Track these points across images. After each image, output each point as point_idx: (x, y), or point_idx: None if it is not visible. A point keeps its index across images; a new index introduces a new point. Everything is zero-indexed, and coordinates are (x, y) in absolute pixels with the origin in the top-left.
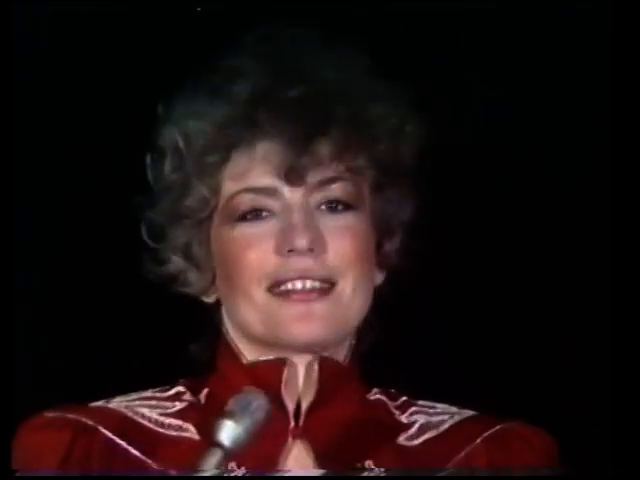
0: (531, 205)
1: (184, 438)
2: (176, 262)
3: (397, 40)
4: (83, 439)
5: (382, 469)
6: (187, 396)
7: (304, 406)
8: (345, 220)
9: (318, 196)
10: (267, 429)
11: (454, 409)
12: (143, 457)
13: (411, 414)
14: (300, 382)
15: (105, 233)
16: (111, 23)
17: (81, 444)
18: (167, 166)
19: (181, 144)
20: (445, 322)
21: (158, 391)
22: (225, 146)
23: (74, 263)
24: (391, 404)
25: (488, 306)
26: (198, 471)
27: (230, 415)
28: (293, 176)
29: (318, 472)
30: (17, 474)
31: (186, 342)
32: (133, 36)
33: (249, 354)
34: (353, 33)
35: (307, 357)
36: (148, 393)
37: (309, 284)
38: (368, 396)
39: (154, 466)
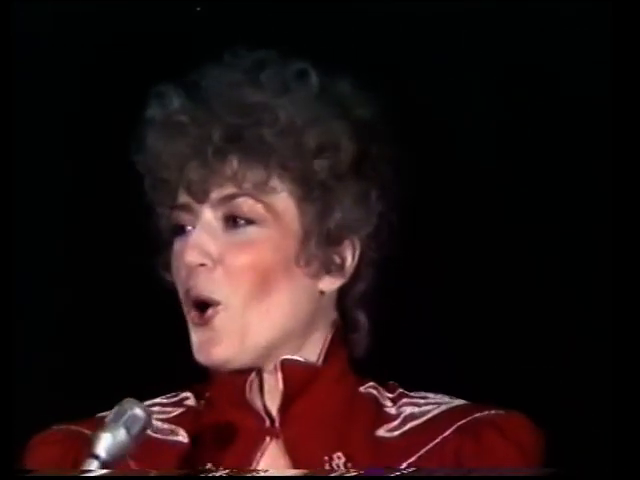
0: (530, 203)
1: (174, 442)
2: (165, 276)
3: (398, 40)
4: (75, 448)
5: (352, 469)
6: (190, 401)
7: (274, 406)
8: (245, 235)
9: (221, 211)
10: (243, 430)
11: (446, 399)
12: (128, 459)
13: (401, 406)
14: (269, 384)
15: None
16: (111, 23)
17: (73, 453)
18: (145, 185)
19: (141, 166)
20: (444, 319)
21: (167, 397)
22: (162, 167)
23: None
24: (384, 396)
25: (487, 303)
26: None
27: (105, 427)
28: (196, 193)
29: (294, 471)
30: None
31: None
32: (133, 36)
33: None
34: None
35: (274, 359)
36: (158, 399)
37: (201, 299)
38: (360, 389)
39: (138, 468)
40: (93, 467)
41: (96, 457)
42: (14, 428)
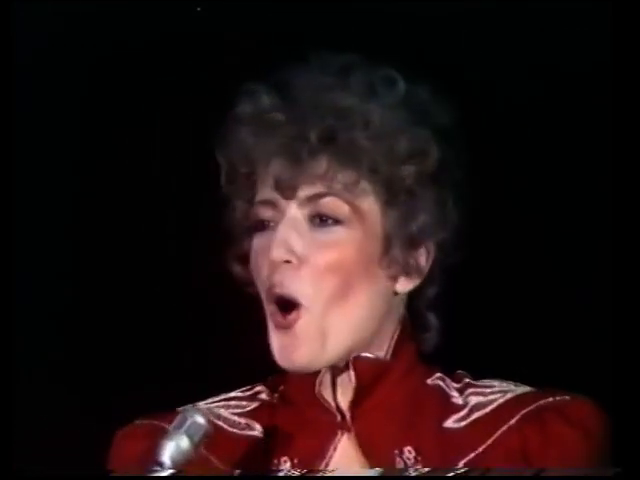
0: (530, 202)
1: (250, 437)
2: (236, 268)
3: (398, 39)
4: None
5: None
6: (263, 395)
7: (345, 402)
8: (331, 234)
9: (308, 210)
10: (316, 425)
11: (512, 387)
12: (208, 454)
13: (467, 396)
14: (340, 380)
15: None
16: (110, 23)
17: (155, 448)
18: (222, 179)
19: (223, 160)
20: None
21: (241, 391)
22: (248, 162)
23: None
24: (451, 387)
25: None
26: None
27: (169, 435)
28: (284, 190)
29: (365, 469)
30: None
31: None
32: (132, 36)
33: None
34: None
35: (347, 357)
36: (233, 393)
37: (286, 298)
38: (427, 381)
39: (217, 463)
40: (159, 474)
41: (161, 464)
42: (14, 428)
